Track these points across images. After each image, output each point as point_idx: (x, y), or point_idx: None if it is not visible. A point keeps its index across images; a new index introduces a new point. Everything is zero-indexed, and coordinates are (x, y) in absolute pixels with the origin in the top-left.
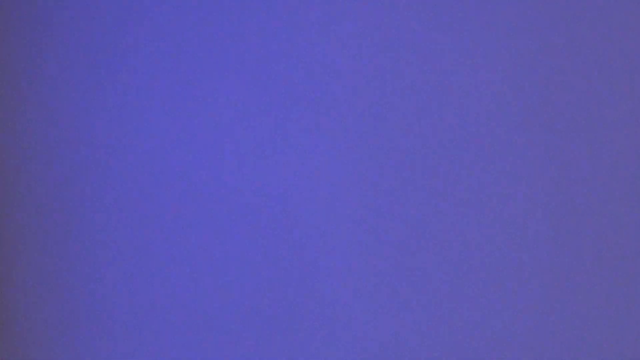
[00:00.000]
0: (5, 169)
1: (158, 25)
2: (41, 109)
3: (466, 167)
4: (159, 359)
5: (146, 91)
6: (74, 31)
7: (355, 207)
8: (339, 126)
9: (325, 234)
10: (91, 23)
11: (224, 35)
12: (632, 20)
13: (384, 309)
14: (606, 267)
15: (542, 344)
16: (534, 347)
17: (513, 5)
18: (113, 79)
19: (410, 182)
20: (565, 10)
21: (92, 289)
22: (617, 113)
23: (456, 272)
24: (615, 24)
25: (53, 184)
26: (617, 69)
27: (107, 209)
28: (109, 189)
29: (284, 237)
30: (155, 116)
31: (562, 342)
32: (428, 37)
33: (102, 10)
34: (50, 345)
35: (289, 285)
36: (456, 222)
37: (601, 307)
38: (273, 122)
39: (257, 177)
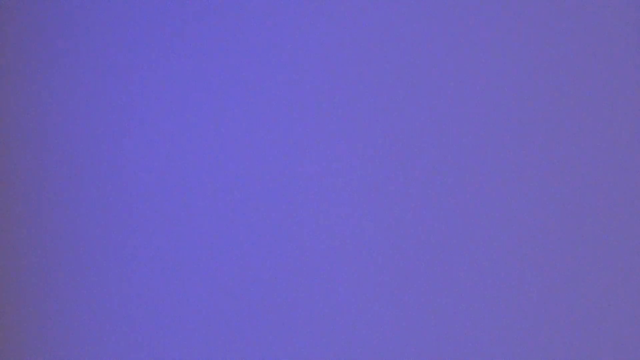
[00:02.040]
0: (6, 169)
1: (157, 25)
2: (39, 109)
3: (466, 168)
4: (158, 359)
5: (146, 91)
6: (73, 31)
7: (355, 207)
8: (338, 126)
9: (326, 234)
10: (91, 23)
11: (224, 35)
12: (632, 20)
13: (384, 310)
14: (606, 267)
15: (542, 344)
16: (534, 347)
17: (514, 6)
18: (112, 79)
19: (410, 182)
20: (565, 10)
21: (91, 289)
22: (617, 113)
23: (457, 273)
24: (616, 24)
25: (52, 184)
26: (618, 70)
27: (107, 210)
28: (109, 190)
29: (283, 238)
30: (155, 116)
31: (561, 343)
32: (431, 37)
33: (102, 10)
34: (50, 345)
35: (288, 286)
36: (456, 222)
37: (601, 308)
38: (272, 122)
39: (256, 177)
